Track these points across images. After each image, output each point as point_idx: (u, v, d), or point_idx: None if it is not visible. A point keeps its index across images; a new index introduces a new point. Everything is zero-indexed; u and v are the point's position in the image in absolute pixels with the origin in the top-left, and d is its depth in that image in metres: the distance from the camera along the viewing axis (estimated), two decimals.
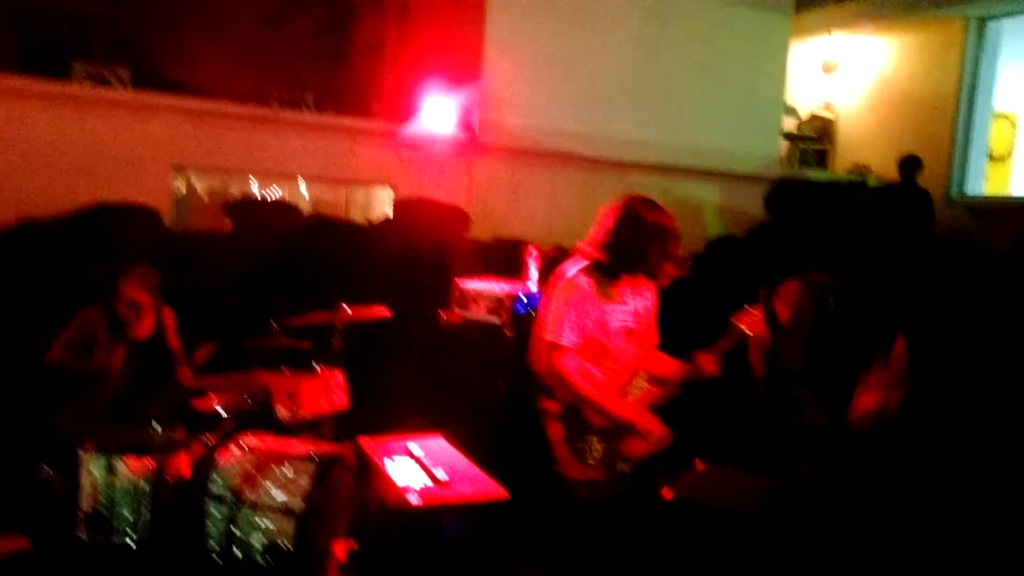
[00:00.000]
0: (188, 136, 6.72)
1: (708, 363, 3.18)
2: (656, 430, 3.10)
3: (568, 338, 3.14)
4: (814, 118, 10.42)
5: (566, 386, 3.13)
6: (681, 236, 3.22)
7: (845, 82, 10.24)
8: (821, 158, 10.16)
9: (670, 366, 3.34)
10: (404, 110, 7.57)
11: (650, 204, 3.23)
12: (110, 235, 5.78)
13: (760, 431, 3.73)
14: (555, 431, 3.20)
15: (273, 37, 8.31)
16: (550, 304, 3.22)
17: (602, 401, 3.12)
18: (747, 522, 2.35)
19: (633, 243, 3.17)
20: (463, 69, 7.72)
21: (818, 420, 3.81)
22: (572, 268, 3.28)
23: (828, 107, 10.40)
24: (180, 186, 7.17)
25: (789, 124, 10.08)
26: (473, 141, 7.59)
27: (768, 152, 8.99)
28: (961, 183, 9.13)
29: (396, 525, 2.63)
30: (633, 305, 3.29)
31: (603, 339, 3.20)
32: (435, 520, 2.58)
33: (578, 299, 3.18)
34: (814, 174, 9.51)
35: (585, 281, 3.21)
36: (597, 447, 3.15)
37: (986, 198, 9.16)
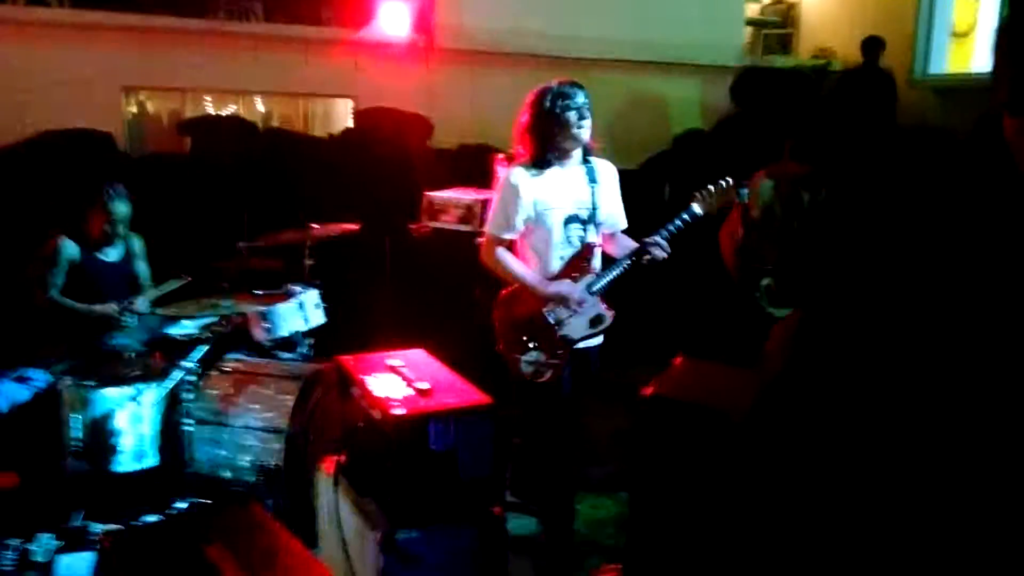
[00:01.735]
0: (136, 55, 6.46)
1: (656, 247, 3.33)
2: (570, 302, 3.31)
3: (498, 228, 3.40)
4: (777, 2, 10.23)
5: (495, 272, 3.42)
6: (591, 116, 3.33)
7: None
8: (785, 43, 10.02)
9: (620, 248, 3.50)
10: (358, 17, 7.30)
11: (556, 91, 3.32)
12: (62, 162, 5.62)
13: (735, 324, 3.79)
14: (498, 315, 3.45)
15: None
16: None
17: (525, 281, 3.36)
18: (727, 420, 2.40)
19: (546, 131, 3.31)
20: None
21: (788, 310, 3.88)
22: (511, 165, 3.46)
23: None
24: (131, 108, 6.94)
25: (752, 10, 9.89)
26: (431, 45, 7.37)
27: (732, 41, 8.84)
28: (924, 62, 9.06)
29: (382, 437, 2.66)
30: (574, 192, 3.40)
31: (542, 227, 3.37)
32: (421, 429, 2.61)
33: (509, 193, 3.38)
34: (779, 61, 9.40)
35: (516, 175, 3.38)
36: (541, 330, 3.35)
37: (949, 76, 9.12)
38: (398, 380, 2.85)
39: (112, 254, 4.45)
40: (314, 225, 4.67)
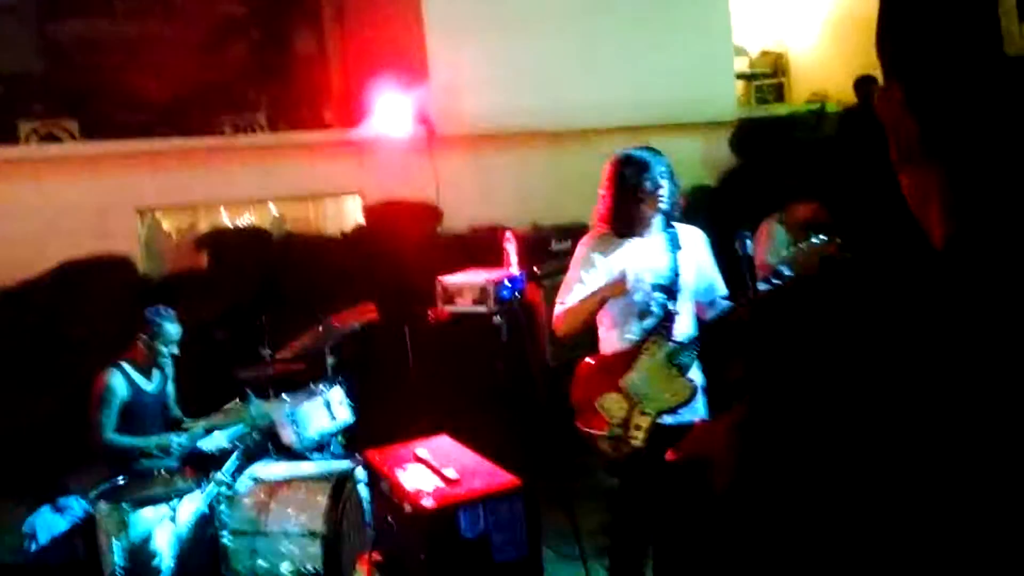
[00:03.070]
0: (147, 178, 6.65)
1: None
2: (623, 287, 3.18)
3: (566, 298, 3.32)
4: (765, 54, 10.40)
5: (573, 330, 3.31)
6: (671, 181, 3.31)
7: (793, 12, 10.22)
8: (778, 92, 10.15)
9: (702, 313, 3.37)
10: (357, 115, 7.51)
11: (628, 160, 3.32)
12: (82, 292, 5.74)
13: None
14: (577, 391, 3.32)
15: (213, 64, 8.22)
16: None
17: (595, 297, 3.25)
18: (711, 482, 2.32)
19: (620, 201, 3.26)
20: (409, 62, 7.66)
21: None
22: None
23: (778, 41, 10.39)
24: (147, 230, 7.11)
25: (740, 64, 10.05)
26: (432, 134, 7.53)
27: (725, 95, 8.98)
28: None
29: (414, 530, 2.64)
30: (652, 261, 3.31)
31: (620, 297, 3.26)
32: (452, 519, 2.58)
33: (580, 264, 3.35)
34: (774, 110, 9.51)
35: (590, 245, 3.36)
36: (617, 404, 3.20)
37: None
38: (425, 470, 2.84)
39: (154, 382, 4.47)
40: (332, 319, 4.71)
